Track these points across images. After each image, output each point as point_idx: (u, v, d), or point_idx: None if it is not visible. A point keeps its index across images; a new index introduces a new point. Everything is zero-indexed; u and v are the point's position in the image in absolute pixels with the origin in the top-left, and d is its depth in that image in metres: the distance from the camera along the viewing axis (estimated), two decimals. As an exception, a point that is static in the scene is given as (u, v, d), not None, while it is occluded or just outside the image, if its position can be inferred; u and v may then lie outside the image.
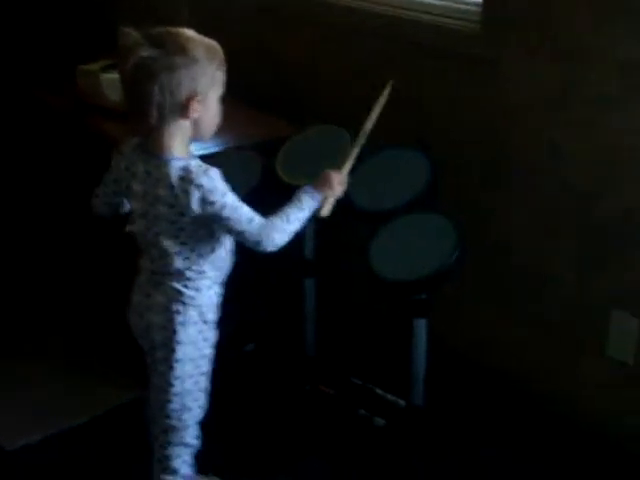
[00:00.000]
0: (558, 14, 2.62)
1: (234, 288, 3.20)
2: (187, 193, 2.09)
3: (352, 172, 2.65)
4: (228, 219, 2.13)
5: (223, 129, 3.13)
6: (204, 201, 2.09)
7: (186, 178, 2.09)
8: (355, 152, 2.50)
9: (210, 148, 2.97)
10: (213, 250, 2.23)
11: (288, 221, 2.23)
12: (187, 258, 2.20)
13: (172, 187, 2.11)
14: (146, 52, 2.04)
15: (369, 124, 2.53)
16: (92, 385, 3.06)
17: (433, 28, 2.96)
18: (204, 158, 2.86)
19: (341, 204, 2.50)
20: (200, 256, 2.21)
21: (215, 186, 2.10)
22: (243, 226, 2.15)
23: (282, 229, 2.21)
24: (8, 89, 4.02)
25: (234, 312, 3.22)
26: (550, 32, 2.65)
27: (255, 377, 3.12)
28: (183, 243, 2.18)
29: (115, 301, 2.52)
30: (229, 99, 3.15)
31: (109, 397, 2.98)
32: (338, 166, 2.46)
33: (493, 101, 2.85)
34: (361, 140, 2.51)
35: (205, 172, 2.10)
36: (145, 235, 2.22)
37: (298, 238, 2.93)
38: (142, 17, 3.92)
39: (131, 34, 2.06)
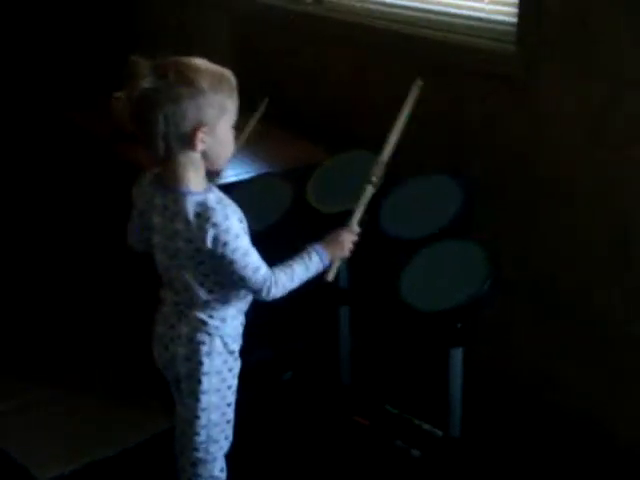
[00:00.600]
0: (594, 31, 2.55)
1: (271, 316, 3.20)
2: (202, 230, 2.06)
3: (385, 198, 2.62)
4: (235, 263, 2.09)
5: (256, 155, 3.18)
6: (217, 240, 2.06)
7: (202, 215, 2.06)
8: (364, 201, 2.40)
9: (241, 175, 2.95)
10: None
11: (292, 280, 2.18)
12: (211, 291, 2.17)
13: (189, 222, 2.07)
14: (150, 83, 2.01)
15: (377, 169, 2.45)
16: (125, 416, 3.03)
17: (468, 49, 2.91)
18: (235, 184, 2.91)
19: (372, 232, 2.46)
20: (223, 287, 2.17)
21: (230, 226, 2.06)
22: (248, 273, 2.11)
23: (283, 286, 2.17)
24: (43, 112, 4.05)
25: (271, 340, 3.23)
26: (586, 50, 2.58)
27: (291, 406, 3.08)
28: (205, 275, 2.15)
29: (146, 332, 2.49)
30: (265, 125, 3.20)
31: (141, 428, 2.95)
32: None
33: (529, 122, 2.79)
34: (368, 192, 2.42)
35: (222, 210, 2.06)
36: (168, 269, 2.19)
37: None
38: (180, 44, 4.04)
39: (138, 63, 2.05)
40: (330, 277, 2.26)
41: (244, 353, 3.14)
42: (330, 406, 3.04)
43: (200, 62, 2.09)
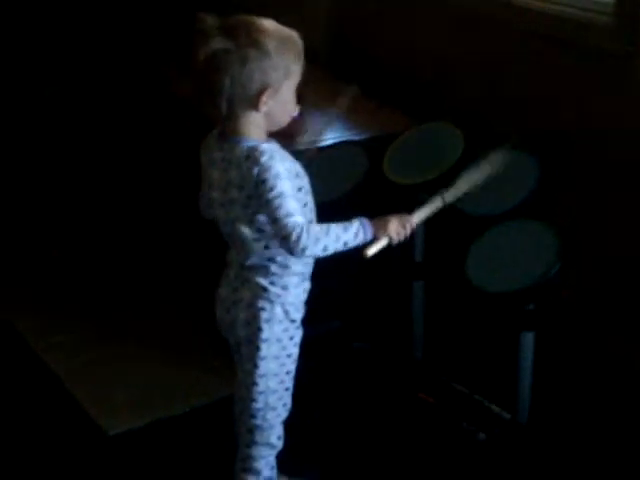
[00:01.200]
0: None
1: (344, 286, 3.18)
2: (249, 171, 2.04)
3: (458, 171, 2.54)
4: (270, 202, 2.03)
5: (341, 122, 3.13)
6: (258, 177, 2.03)
7: (250, 157, 2.05)
8: (432, 208, 2.28)
9: (319, 142, 2.92)
10: None
11: (327, 234, 2.07)
12: (267, 247, 2.14)
13: (240, 167, 2.07)
14: (218, 44, 2.00)
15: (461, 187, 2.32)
16: (193, 377, 3.04)
17: (564, 20, 2.81)
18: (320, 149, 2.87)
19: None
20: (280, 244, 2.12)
21: (272, 166, 2.03)
22: (280, 215, 2.03)
23: (316, 238, 2.06)
24: (137, 70, 4.09)
25: (342, 310, 3.20)
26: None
27: (359, 378, 3.04)
28: (260, 230, 2.11)
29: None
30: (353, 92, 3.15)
31: (208, 390, 2.96)
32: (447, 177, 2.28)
33: (626, 99, 2.66)
34: (437, 203, 2.28)
35: (270, 153, 2.04)
36: (226, 224, 2.17)
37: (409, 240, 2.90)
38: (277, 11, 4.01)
39: (207, 21, 2.02)
40: (370, 252, 2.15)
41: (314, 320, 3.16)
42: (398, 380, 3.00)
43: (268, 23, 2.07)
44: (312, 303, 3.06)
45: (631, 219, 2.72)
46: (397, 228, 2.17)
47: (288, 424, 2.38)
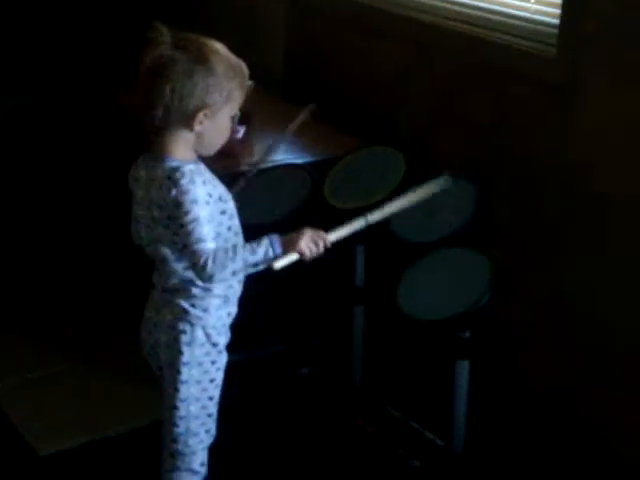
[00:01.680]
0: (638, 35, 2.40)
1: (285, 310, 3.16)
2: (168, 191, 2.01)
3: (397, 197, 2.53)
4: (183, 227, 2.00)
5: (287, 144, 3.12)
6: (175, 200, 2.00)
7: (171, 177, 2.02)
8: (351, 229, 2.22)
9: (263, 163, 2.90)
10: None
11: (233, 259, 2.02)
12: (188, 268, 2.10)
13: (160, 187, 2.04)
14: (167, 51, 2.00)
15: None
16: (130, 399, 3.00)
17: (508, 49, 2.79)
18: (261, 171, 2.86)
19: (384, 230, 2.38)
20: None
21: (190, 190, 2.00)
22: (191, 241, 2.00)
23: (222, 264, 2.01)
24: (84, 88, 4.06)
25: (285, 335, 3.18)
26: (634, 58, 2.43)
27: (296, 404, 3.02)
28: (182, 250, 2.07)
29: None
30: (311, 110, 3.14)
31: (145, 412, 2.90)
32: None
33: (568, 130, 2.65)
34: (359, 224, 2.23)
35: (191, 176, 2.01)
36: (149, 244, 2.15)
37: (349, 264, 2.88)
38: (238, 23, 4.00)
39: (161, 30, 2.02)
40: (277, 265, 2.07)
41: (258, 345, 3.13)
42: (335, 407, 2.97)
43: (220, 46, 2.08)
44: (257, 327, 3.07)
45: (569, 251, 2.71)
46: (308, 243, 2.11)
47: (221, 449, 2.34)
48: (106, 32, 4.24)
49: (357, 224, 2.23)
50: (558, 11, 2.65)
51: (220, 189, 2.12)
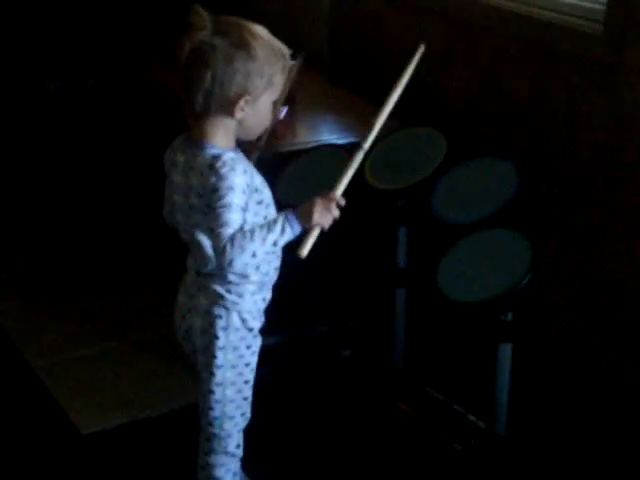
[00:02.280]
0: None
1: (328, 292, 3.14)
2: (208, 179, 2.00)
3: (441, 178, 2.50)
4: (213, 211, 1.98)
5: (329, 124, 3.11)
6: (213, 186, 1.98)
7: (213, 166, 1.99)
8: (352, 168, 2.17)
9: (305, 144, 2.89)
10: None
11: (251, 239, 1.99)
12: None
13: (202, 175, 2.02)
14: (207, 37, 1.96)
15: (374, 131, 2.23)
16: (178, 378, 3.01)
17: (553, 27, 2.72)
18: (298, 152, 2.85)
19: (425, 212, 2.36)
20: None
21: (228, 177, 1.97)
22: (217, 225, 1.97)
23: (240, 247, 1.97)
24: (122, 68, 4.06)
25: (327, 317, 3.16)
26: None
27: (338, 385, 3.00)
28: (209, 234, 2.05)
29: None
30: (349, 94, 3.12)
31: (192, 391, 2.92)
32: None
33: (613, 109, 2.59)
34: (358, 158, 2.19)
35: (231, 164, 1.99)
36: (186, 230, 2.13)
37: (391, 246, 2.85)
38: (283, 5, 3.97)
39: (200, 14, 1.98)
40: (303, 252, 2.04)
41: (301, 326, 3.12)
42: (377, 389, 2.95)
43: (262, 30, 2.03)
44: (300, 308, 3.06)
45: (613, 234, 2.65)
46: (322, 211, 2.07)
47: (260, 430, 2.35)
48: (145, 12, 4.23)
49: (357, 158, 2.18)
50: (606, -12, 2.59)
51: (258, 179, 2.09)
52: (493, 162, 2.56)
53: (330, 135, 2.98)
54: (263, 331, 2.24)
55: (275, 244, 2.04)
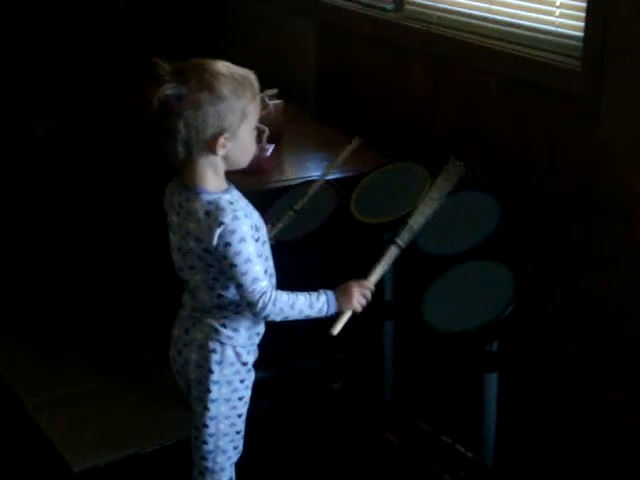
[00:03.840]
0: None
1: (315, 326, 3.17)
2: (210, 229, 2.03)
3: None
4: (236, 267, 2.04)
5: (318, 160, 3.16)
6: (222, 239, 2.02)
7: (211, 214, 2.03)
8: (386, 262, 2.33)
9: (292, 181, 2.94)
10: None
11: (291, 307, 2.10)
12: (221, 295, 2.14)
13: (199, 221, 2.05)
14: (171, 89, 1.99)
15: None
16: (169, 413, 3.03)
17: (532, 63, 2.79)
18: (284, 188, 2.89)
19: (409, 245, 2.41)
20: (235, 296, 2.13)
21: (237, 228, 2.02)
22: (247, 281, 2.05)
23: (281, 308, 2.09)
24: (98, 97, 4.10)
25: (316, 350, 3.19)
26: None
27: (333, 418, 3.03)
28: (215, 279, 2.12)
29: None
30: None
31: (184, 426, 2.93)
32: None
33: (593, 142, 2.65)
34: (392, 253, 2.35)
35: (232, 211, 2.03)
36: (182, 269, 2.18)
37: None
38: (270, 43, 4.04)
39: (159, 65, 2.02)
40: (335, 331, 2.19)
41: (291, 360, 3.15)
42: (366, 421, 2.98)
43: (222, 66, 2.05)
44: (290, 343, 3.09)
45: (595, 263, 2.70)
46: (359, 298, 2.21)
47: (253, 463, 2.39)
48: (137, 52, 4.28)
49: (391, 253, 2.32)
50: (582, 24, 2.65)
51: (255, 216, 2.13)
52: (475, 195, 2.61)
53: (316, 171, 3.02)
54: (255, 365, 2.26)
55: (307, 317, 2.15)
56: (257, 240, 2.10)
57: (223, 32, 4.39)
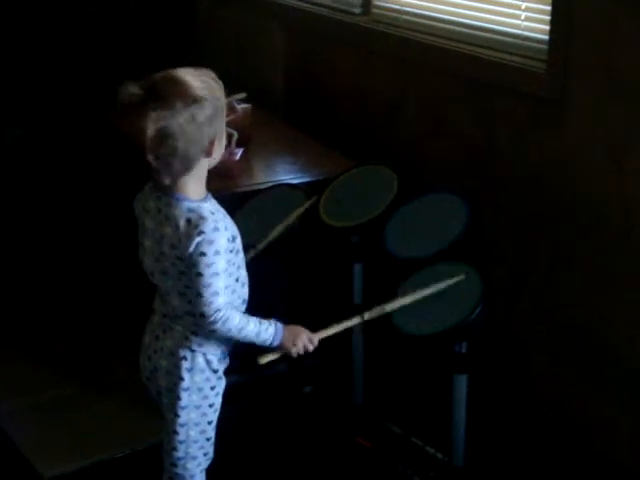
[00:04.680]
0: (624, 52, 2.43)
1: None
2: (189, 237, 2.03)
3: (393, 214, 2.57)
4: (202, 277, 2.03)
5: (285, 164, 3.17)
6: (198, 248, 2.02)
7: (192, 222, 2.03)
8: (343, 326, 2.34)
9: (260, 185, 2.95)
10: None
11: (239, 331, 2.10)
12: (190, 302, 2.12)
13: (177, 227, 2.05)
14: (162, 121, 1.97)
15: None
16: (139, 418, 3.02)
17: (498, 66, 2.82)
18: (252, 192, 2.90)
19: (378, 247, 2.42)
20: None
21: (215, 240, 2.02)
22: (207, 293, 2.04)
23: (228, 329, 2.08)
24: (82, 113, 4.10)
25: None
26: (619, 70, 2.46)
27: (304, 421, 3.03)
28: (187, 287, 2.11)
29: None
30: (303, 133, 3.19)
31: (154, 431, 2.92)
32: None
33: (558, 145, 2.68)
34: (353, 322, 2.37)
35: (213, 222, 2.03)
36: (153, 274, 2.17)
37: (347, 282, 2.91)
38: (237, 53, 4.05)
39: (132, 92, 1.99)
40: (263, 361, 2.21)
41: (261, 366, 3.14)
42: (336, 424, 2.99)
43: (187, 74, 2.03)
44: (261, 348, 3.09)
45: (564, 265, 2.73)
46: (300, 348, 2.21)
47: (225, 467, 2.39)
48: (105, 61, 4.27)
49: (353, 321, 2.34)
50: (547, 27, 2.68)
51: (233, 227, 2.12)
52: (443, 198, 2.62)
53: (285, 175, 3.03)
54: (228, 372, 2.26)
55: (250, 342, 2.14)
56: (232, 251, 2.10)
57: (191, 36, 4.39)
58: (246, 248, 2.27)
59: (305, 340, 2.21)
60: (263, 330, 2.13)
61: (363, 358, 2.99)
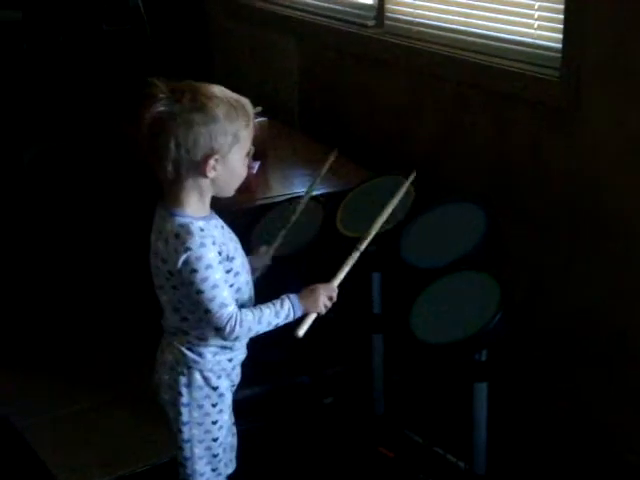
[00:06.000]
0: (637, 59, 2.44)
1: (310, 341, 3.19)
2: (176, 252, 2.02)
3: (409, 224, 2.58)
4: (202, 293, 2.03)
5: (302, 176, 3.18)
6: (187, 265, 2.01)
7: (180, 237, 2.02)
8: (348, 265, 2.31)
9: (278, 197, 2.96)
10: None
11: (258, 322, 2.08)
12: (185, 319, 2.12)
13: (167, 242, 2.04)
14: (165, 107, 1.99)
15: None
16: (158, 433, 3.01)
17: (511, 75, 2.83)
18: (270, 205, 2.91)
19: (394, 258, 2.43)
20: (199, 321, 2.11)
21: (203, 255, 2.01)
22: (214, 307, 2.04)
23: (249, 327, 2.07)
24: (98, 129, 4.12)
25: (311, 365, 3.21)
26: (632, 77, 2.48)
27: (325, 432, 3.04)
28: (180, 302, 2.11)
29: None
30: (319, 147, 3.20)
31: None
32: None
33: (572, 151, 2.69)
34: (354, 257, 2.34)
35: (200, 238, 2.01)
36: (155, 288, 2.17)
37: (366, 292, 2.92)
38: (253, 67, 4.07)
39: (156, 84, 2.01)
40: (300, 332, 2.17)
41: (283, 376, 3.16)
42: (358, 435, 2.99)
43: (217, 89, 2.05)
44: (281, 360, 3.11)
45: (581, 270, 2.73)
46: (325, 301, 2.19)
47: (250, 477, 2.42)
48: (120, 78, 4.30)
49: (352, 257, 2.31)
50: (560, 36, 2.69)
51: (232, 245, 2.12)
52: (460, 206, 2.63)
53: (302, 187, 3.04)
54: (249, 383, 2.27)
55: (276, 326, 2.13)
56: (228, 272, 2.09)
57: (206, 51, 4.42)
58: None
59: (324, 294, 2.19)
60: (279, 308, 2.11)
61: (383, 366, 2.99)
